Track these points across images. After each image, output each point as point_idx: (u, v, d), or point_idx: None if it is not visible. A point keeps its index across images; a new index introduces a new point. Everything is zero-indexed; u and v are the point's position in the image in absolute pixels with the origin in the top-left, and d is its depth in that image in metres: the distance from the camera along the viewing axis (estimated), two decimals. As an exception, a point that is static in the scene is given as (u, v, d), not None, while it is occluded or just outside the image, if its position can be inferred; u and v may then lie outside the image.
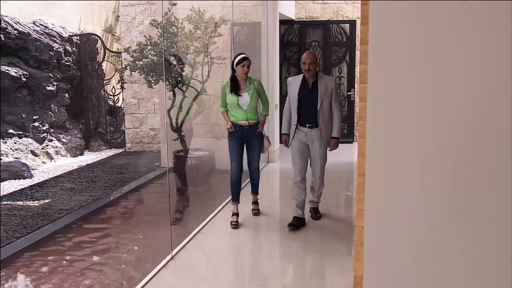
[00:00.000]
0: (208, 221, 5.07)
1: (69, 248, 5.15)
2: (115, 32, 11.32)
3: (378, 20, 0.57)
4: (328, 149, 4.78)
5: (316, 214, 5.09)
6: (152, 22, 7.02)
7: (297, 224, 4.80)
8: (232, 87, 4.77)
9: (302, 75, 4.72)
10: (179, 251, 4.24)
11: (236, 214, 4.97)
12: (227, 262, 4.09)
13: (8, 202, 6.53)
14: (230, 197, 5.11)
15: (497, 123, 0.61)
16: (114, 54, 10.77)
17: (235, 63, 4.75)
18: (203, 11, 7.32)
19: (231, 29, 7.44)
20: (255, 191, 5.27)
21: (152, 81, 6.82)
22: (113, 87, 10.62)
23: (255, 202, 5.32)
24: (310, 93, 4.64)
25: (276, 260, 4.19)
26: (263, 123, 4.99)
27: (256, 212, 5.27)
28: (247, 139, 4.90)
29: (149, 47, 6.86)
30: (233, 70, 4.79)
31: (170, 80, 6.78)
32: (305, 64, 4.59)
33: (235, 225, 4.87)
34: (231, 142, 4.91)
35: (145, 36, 7.13)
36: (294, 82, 4.74)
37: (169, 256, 4.08)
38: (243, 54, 4.82)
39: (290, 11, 9.40)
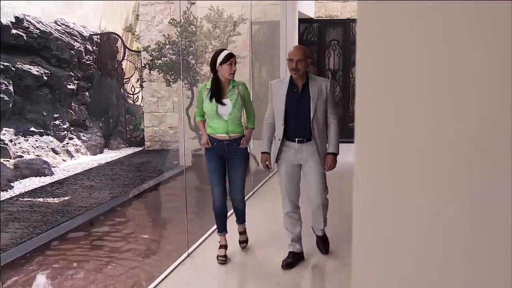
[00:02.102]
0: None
1: (87, 244, 5.20)
2: (135, 31, 11.41)
3: (367, 20, 0.55)
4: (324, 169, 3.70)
5: (324, 245, 4.04)
6: (171, 21, 7.06)
7: (293, 261, 3.82)
8: (213, 92, 3.70)
9: (288, 77, 3.67)
10: (195, 249, 4.25)
11: (224, 246, 4.01)
12: (244, 261, 4.08)
13: (29, 199, 6.63)
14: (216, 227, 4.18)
15: (492, 124, 0.59)
16: (133, 53, 10.86)
17: (218, 61, 3.66)
18: (222, 10, 7.33)
19: (250, 28, 7.44)
20: (240, 220, 4.19)
21: (171, 80, 6.86)
22: (133, 85, 10.72)
23: (243, 233, 4.23)
24: (300, 98, 3.59)
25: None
26: (248, 138, 3.90)
27: (244, 244, 4.22)
28: (227, 157, 3.85)
29: (168, 46, 6.90)
30: (215, 71, 3.72)
31: (189, 79, 6.81)
32: (292, 61, 3.51)
33: (223, 260, 3.92)
34: (209, 163, 3.88)
35: (164, 35, 7.17)
36: (279, 86, 3.67)
37: (186, 254, 4.09)
38: (227, 49, 3.89)
39: (310, 10, 9.35)
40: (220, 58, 3.66)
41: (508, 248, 0.63)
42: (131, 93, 10.72)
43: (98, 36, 10.40)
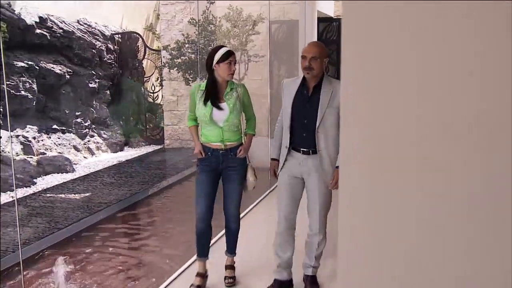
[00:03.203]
0: (242, 217, 5.11)
1: (108, 239, 5.30)
2: (156, 30, 11.54)
3: (352, 19, 0.56)
4: (329, 184, 3.12)
5: (312, 286, 3.33)
6: (190, 20, 7.13)
7: None
8: (208, 95, 3.23)
9: (301, 77, 3.16)
10: (211, 245, 4.30)
11: (201, 275, 3.42)
12: (260, 257, 4.11)
13: (51, 195, 6.78)
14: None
15: (489, 122, 0.59)
16: (154, 52, 10.98)
17: (216, 59, 3.18)
18: (241, 9, 7.37)
19: (268, 27, 7.46)
20: (231, 250, 3.54)
21: (190, 79, 6.93)
22: (153, 84, 10.84)
23: (231, 267, 3.57)
24: (308, 102, 3.08)
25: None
26: (247, 146, 3.40)
27: (231, 282, 3.51)
28: (223, 169, 3.34)
29: (187, 45, 6.97)
30: (211, 71, 3.23)
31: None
32: (305, 59, 3.02)
33: None
34: (199, 174, 3.36)
35: (183, 35, 7.24)
36: (290, 86, 3.20)
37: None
38: (226, 46, 3.38)
39: (329, 9, 9.33)
40: (218, 55, 3.19)
41: (508, 249, 0.63)
42: (151, 91, 10.85)
43: (119, 35, 10.55)
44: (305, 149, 3.11)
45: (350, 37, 0.61)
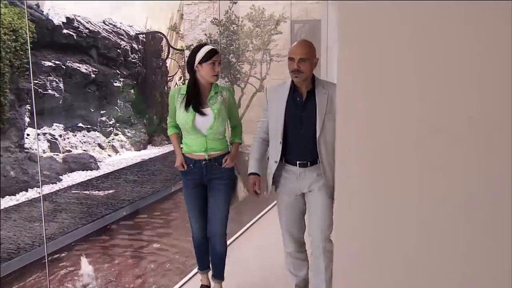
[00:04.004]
0: (261, 216, 5.15)
1: (130, 235, 5.40)
2: (179, 30, 11.66)
3: (348, 21, 0.56)
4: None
5: None
6: (213, 20, 7.19)
7: None
8: (189, 99, 2.89)
9: (289, 81, 2.78)
10: (231, 243, 4.35)
11: (206, 287, 3.26)
12: (279, 255, 4.14)
13: (76, 191, 6.93)
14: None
15: (486, 127, 0.59)
16: (177, 51, 11.10)
17: (197, 59, 2.85)
18: (263, 9, 7.40)
19: (290, 27, 7.47)
20: (218, 275, 3.17)
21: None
22: (176, 83, 10.96)
23: None
24: (303, 109, 2.75)
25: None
26: (234, 155, 3.06)
27: None
28: (208, 181, 3.01)
29: (209, 45, 7.04)
30: (193, 71, 2.89)
31: (229, 77, 6.92)
32: (293, 60, 2.66)
33: None
34: (185, 190, 3.09)
35: (205, 34, 7.31)
36: (277, 93, 2.81)
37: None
38: (209, 44, 3.02)
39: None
40: (200, 55, 2.84)
41: (508, 249, 0.60)
42: (175, 91, 10.96)
43: (144, 35, 10.70)
44: (302, 161, 2.77)
45: (347, 38, 0.63)
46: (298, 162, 2.78)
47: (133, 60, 10.26)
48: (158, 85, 10.90)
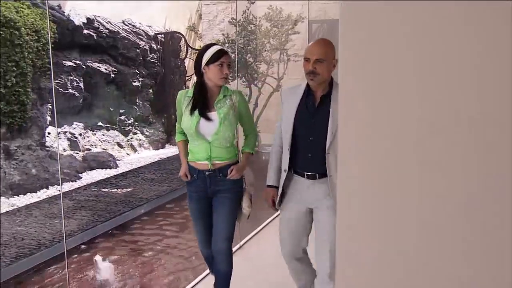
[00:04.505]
0: (277, 215, 5.16)
1: (146, 232, 5.47)
2: (198, 30, 11.73)
3: (350, 19, 0.56)
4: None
5: None
6: (231, 20, 7.23)
7: None
8: (195, 103, 2.71)
9: (305, 83, 2.54)
10: (247, 241, 4.38)
11: None
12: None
13: (95, 189, 7.04)
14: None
15: (486, 127, 0.59)
16: (196, 51, 11.17)
17: (204, 60, 2.66)
18: (281, 9, 7.42)
19: (307, 26, 7.47)
20: None
21: (229, 78, 7.03)
22: (194, 83, 11.03)
23: None
24: (315, 116, 2.47)
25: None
26: (242, 166, 2.80)
27: None
28: (212, 194, 2.78)
29: (226, 45, 7.07)
30: (200, 74, 2.72)
31: (247, 77, 6.95)
32: (308, 61, 2.42)
33: None
34: (189, 203, 2.87)
35: (223, 34, 7.35)
36: (291, 96, 2.57)
37: (238, 246, 4.23)
38: (217, 44, 2.81)
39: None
40: (207, 56, 2.64)
41: (508, 250, 0.60)
42: (193, 90, 11.04)
43: (163, 35, 10.79)
44: (311, 173, 2.51)
45: (348, 37, 0.63)
46: (306, 173, 2.52)
47: (152, 60, 10.36)
48: (177, 85, 10.99)
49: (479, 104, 0.61)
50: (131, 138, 9.59)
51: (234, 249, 4.13)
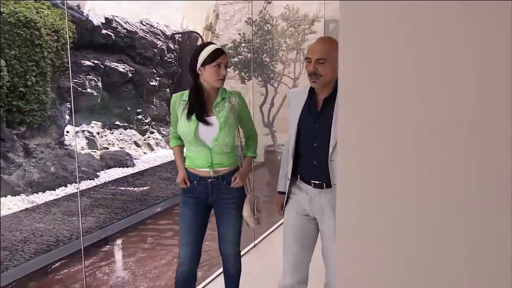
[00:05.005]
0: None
1: (162, 229, 5.53)
2: (215, 30, 11.78)
3: (350, 19, 0.56)
4: None
5: None
6: (247, 20, 7.25)
7: None
8: (191, 107, 2.52)
9: (309, 86, 2.36)
10: (261, 240, 4.39)
11: None
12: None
13: (112, 187, 7.13)
14: None
15: (487, 127, 0.59)
16: (212, 51, 11.22)
17: (200, 61, 2.48)
18: (297, 8, 7.42)
19: (324, 26, 7.45)
20: None
21: (245, 77, 7.05)
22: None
23: None
24: (318, 120, 2.31)
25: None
26: (245, 172, 2.69)
27: None
28: (214, 202, 2.63)
29: (243, 45, 7.09)
30: (195, 75, 2.54)
31: (263, 76, 6.96)
32: (310, 61, 2.23)
33: None
34: (182, 209, 2.67)
35: (239, 34, 7.38)
36: (297, 99, 2.42)
37: (252, 245, 4.24)
38: (214, 43, 2.59)
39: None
40: (203, 56, 2.47)
41: (508, 250, 0.60)
42: (209, 90, 11.10)
43: (180, 35, 10.86)
44: (317, 181, 2.32)
45: (349, 36, 0.64)
46: (312, 181, 2.34)
47: (169, 60, 10.44)
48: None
49: (479, 104, 0.61)
50: (148, 137, 9.68)
51: (248, 247, 4.22)
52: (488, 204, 0.64)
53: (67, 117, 7.71)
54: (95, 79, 8.38)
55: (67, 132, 7.71)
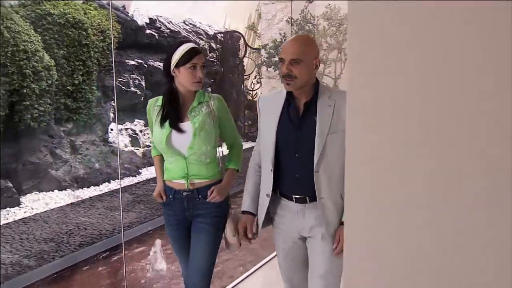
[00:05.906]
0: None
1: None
2: (257, 29, 11.83)
3: (358, 22, 0.56)
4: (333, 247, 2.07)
5: None
6: (288, 19, 7.25)
7: None
8: (166, 112, 2.30)
9: (285, 90, 2.11)
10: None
11: None
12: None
13: (154, 184, 7.28)
14: None
15: (491, 127, 0.58)
16: (254, 50, 11.27)
17: (173, 62, 2.28)
18: (339, 8, 7.36)
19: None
20: None
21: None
22: (252, 82, 11.14)
23: None
24: (300, 127, 2.07)
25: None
26: (224, 186, 2.38)
27: None
28: (192, 218, 2.37)
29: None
30: (170, 77, 2.34)
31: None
32: (283, 61, 2.01)
33: None
34: (167, 229, 2.47)
35: (280, 34, 7.38)
36: (270, 105, 2.18)
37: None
38: (190, 43, 2.37)
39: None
40: (177, 56, 2.26)
41: (508, 250, 0.60)
42: (251, 89, 11.16)
43: (222, 35, 10.97)
44: (300, 196, 2.09)
45: (357, 37, 0.64)
46: (294, 196, 2.10)
47: (211, 59, 10.57)
48: (235, 84, 11.14)
49: (486, 103, 0.60)
50: (190, 135, 9.82)
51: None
52: (490, 204, 0.63)
53: (111, 115, 7.94)
54: (139, 78, 8.59)
55: (111, 129, 7.94)
